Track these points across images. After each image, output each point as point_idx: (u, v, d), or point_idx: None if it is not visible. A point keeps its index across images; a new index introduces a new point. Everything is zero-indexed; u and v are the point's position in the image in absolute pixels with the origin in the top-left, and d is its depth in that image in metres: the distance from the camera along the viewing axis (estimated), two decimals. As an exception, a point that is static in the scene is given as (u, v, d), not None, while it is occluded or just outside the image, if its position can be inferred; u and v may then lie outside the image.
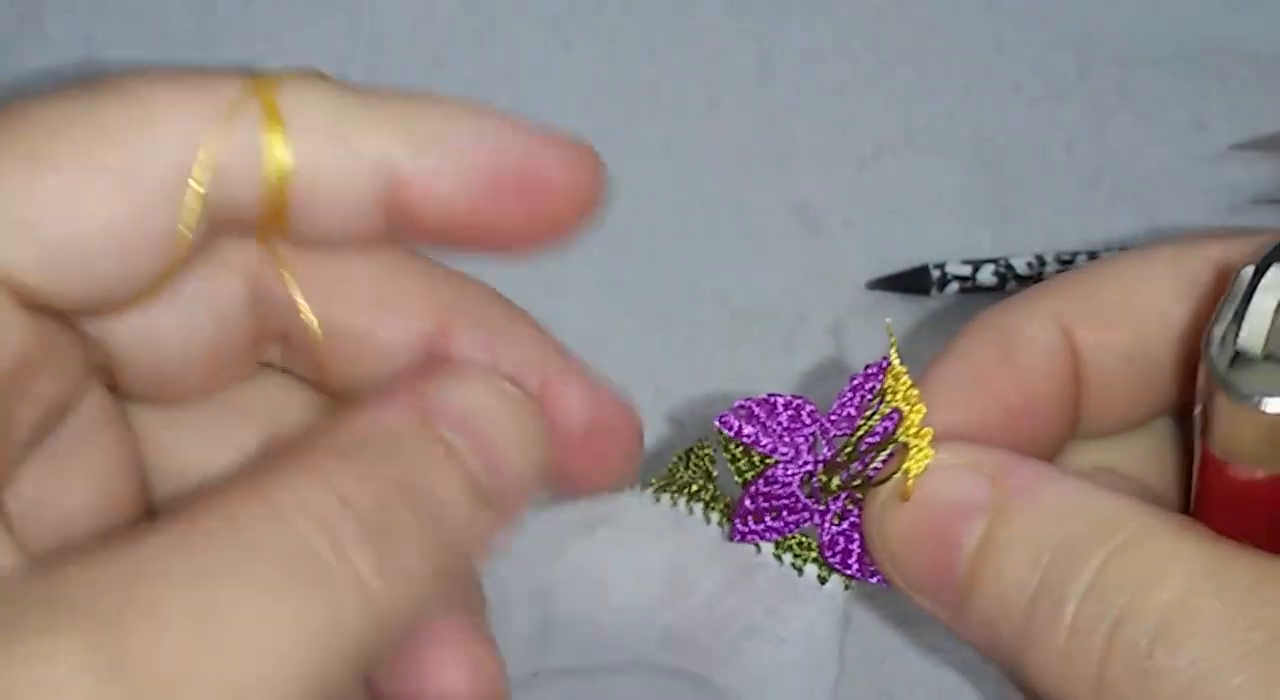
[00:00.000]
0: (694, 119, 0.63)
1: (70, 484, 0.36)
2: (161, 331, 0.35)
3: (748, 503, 0.38)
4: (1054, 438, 0.38)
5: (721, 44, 0.64)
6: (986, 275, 0.59)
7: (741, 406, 0.38)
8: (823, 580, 0.42)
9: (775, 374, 0.59)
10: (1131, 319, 0.36)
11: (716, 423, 0.38)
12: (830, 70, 0.64)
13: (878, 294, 0.60)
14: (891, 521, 0.35)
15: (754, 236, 0.61)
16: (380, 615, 0.30)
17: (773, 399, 0.38)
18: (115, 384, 0.36)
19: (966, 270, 0.59)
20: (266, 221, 0.34)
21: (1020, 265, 0.59)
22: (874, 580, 0.37)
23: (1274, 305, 0.31)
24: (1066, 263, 0.59)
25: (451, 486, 0.33)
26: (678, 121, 0.63)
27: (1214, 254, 0.35)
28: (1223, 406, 0.31)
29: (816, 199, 0.62)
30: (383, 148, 0.36)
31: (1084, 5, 0.65)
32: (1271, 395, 0.30)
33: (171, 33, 0.63)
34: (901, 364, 0.38)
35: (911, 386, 0.37)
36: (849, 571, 0.38)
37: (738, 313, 0.60)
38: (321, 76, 0.36)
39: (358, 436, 0.33)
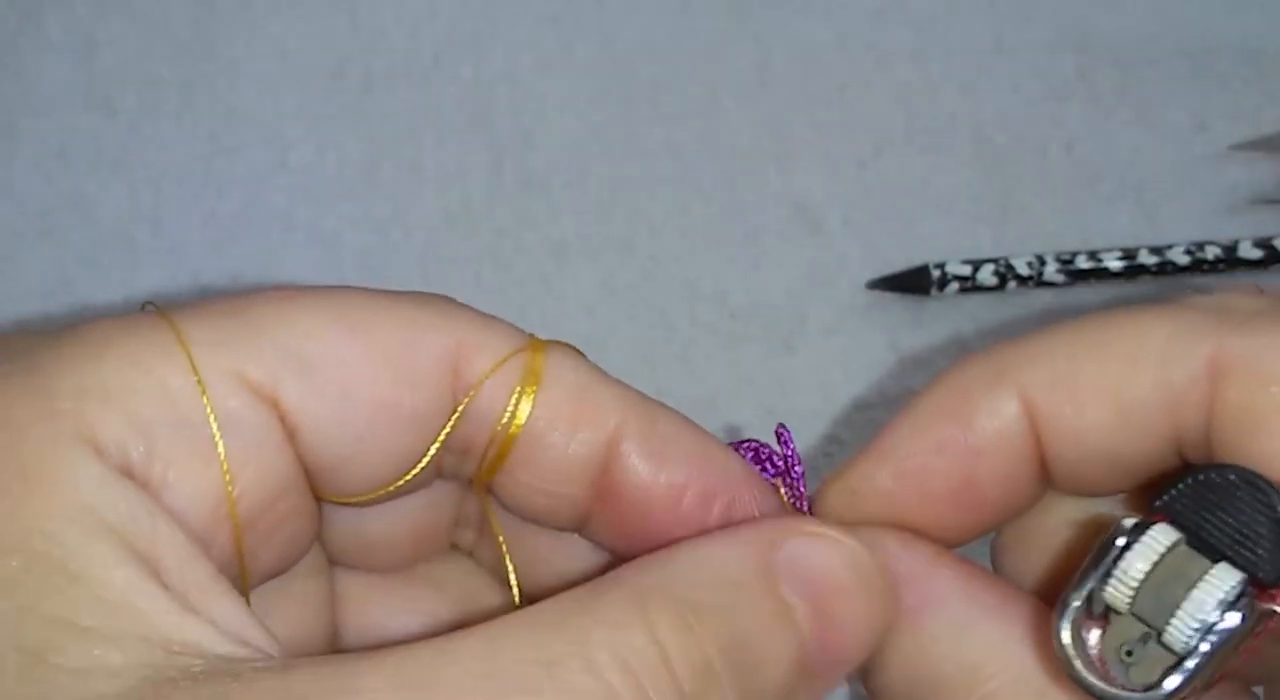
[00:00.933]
0: (694, 119, 0.63)
1: (276, 615, 0.36)
2: (371, 512, 0.37)
3: None
4: (1013, 506, 0.36)
5: (721, 44, 0.64)
6: (986, 275, 0.59)
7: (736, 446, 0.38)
8: None
9: (775, 374, 0.59)
10: (1096, 395, 0.34)
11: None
12: (830, 70, 0.64)
13: (878, 294, 0.60)
14: None
15: (754, 236, 0.61)
16: None
17: (754, 446, 0.38)
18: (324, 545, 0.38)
19: (966, 270, 0.59)
20: (486, 469, 0.35)
21: (1020, 265, 0.59)
22: None
23: (1147, 567, 0.31)
24: (1067, 262, 0.59)
25: (780, 655, 0.31)
26: (678, 121, 0.63)
27: (1170, 328, 0.33)
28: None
29: (816, 199, 0.62)
30: (613, 431, 0.35)
31: (1084, 5, 0.65)
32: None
33: (171, 33, 0.63)
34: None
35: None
36: None
37: (738, 313, 0.60)
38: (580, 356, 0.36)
39: (692, 576, 0.32)
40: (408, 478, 0.35)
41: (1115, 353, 0.33)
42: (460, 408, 0.35)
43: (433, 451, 0.35)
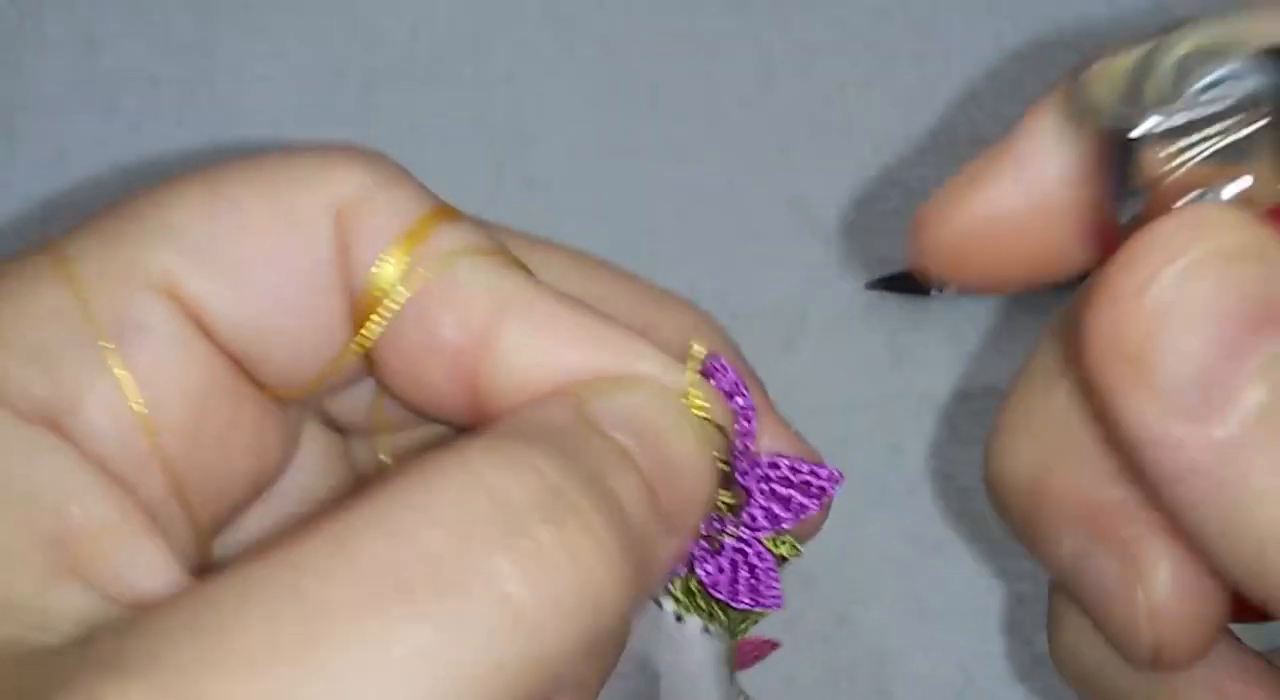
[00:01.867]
0: (694, 119, 0.63)
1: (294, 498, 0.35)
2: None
3: None
4: None
5: (721, 44, 0.64)
6: (986, 275, 0.59)
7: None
8: (678, 618, 0.38)
9: (775, 374, 0.59)
10: None
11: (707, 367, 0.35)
12: (830, 70, 0.64)
13: (878, 294, 0.60)
14: (1151, 309, 0.27)
15: (754, 236, 0.61)
16: (543, 641, 0.25)
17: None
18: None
19: (966, 270, 0.59)
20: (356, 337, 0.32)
21: (1020, 265, 0.59)
22: (749, 607, 0.35)
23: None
24: (1066, 263, 0.59)
25: (629, 484, 0.28)
26: (678, 121, 0.63)
27: None
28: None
29: (816, 199, 0.62)
30: (486, 317, 0.32)
31: (1084, 5, 0.65)
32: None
33: (171, 32, 0.63)
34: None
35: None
36: (731, 599, 0.35)
37: (738, 313, 0.60)
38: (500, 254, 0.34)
39: (515, 429, 0.28)
40: (334, 367, 0.32)
41: None
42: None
43: (354, 345, 0.32)
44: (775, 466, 0.36)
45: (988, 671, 0.55)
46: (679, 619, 0.37)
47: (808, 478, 0.35)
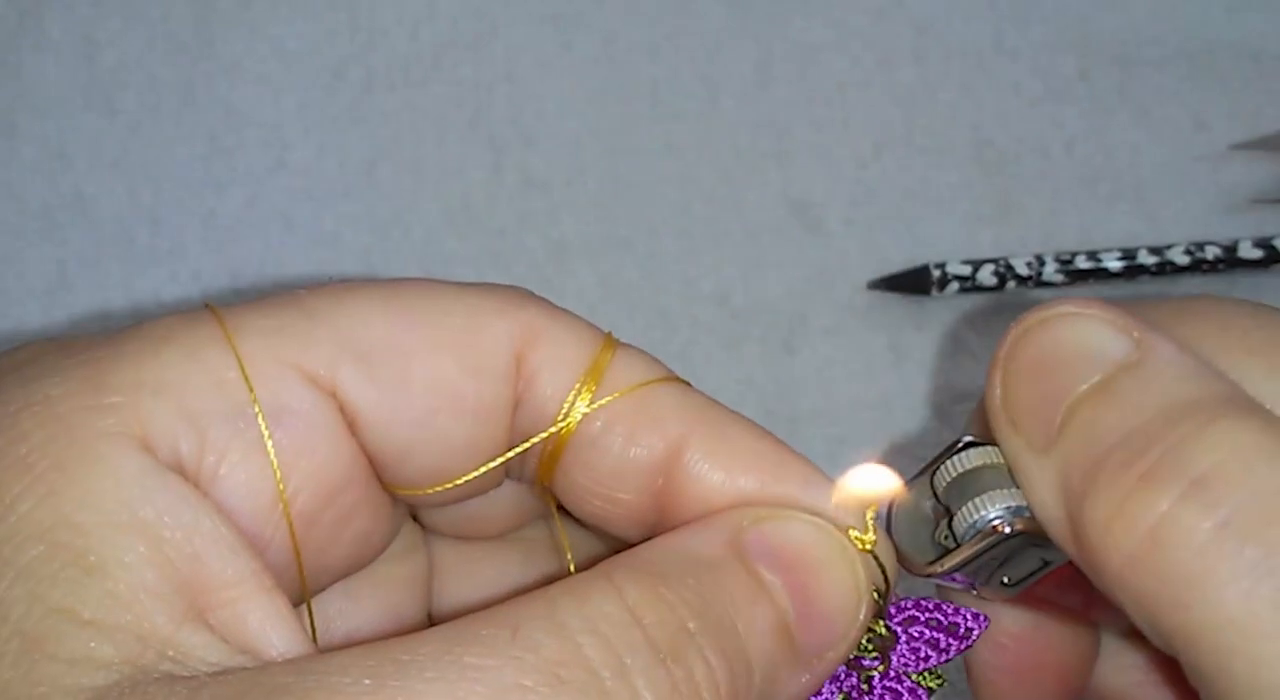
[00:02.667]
0: (694, 119, 0.63)
1: (365, 601, 0.37)
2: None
3: None
4: None
5: (721, 44, 0.64)
6: (986, 275, 0.59)
7: None
8: None
9: (775, 374, 0.59)
10: None
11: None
12: (830, 70, 0.64)
13: (878, 294, 0.60)
14: (1018, 353, 0.34)
15: (754, 236, 0.61)
16: None
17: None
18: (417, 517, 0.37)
19: (966, 270, 0.59)
20: (543, 470, 0.35)
21: (1020, 265, 0.59)
22: None
23: (968, 466, 0.35)
24: (1066, 262, 0.59)
25: (759, 622, 0.30)
26: (678, 121, 0.63)
27: None
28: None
29: (816, 199, 0.62)
30: (676, 438, 0.34)
31: (1084, 5, 0.65)
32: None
33: (171, 33, 0.63)
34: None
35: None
36: None
37: (738, 313, 0.60)
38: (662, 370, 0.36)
39: (662, 556, 0.31)
40: (478, 472, 0.34)
41: None
42: (540, 439, 0.34)
43: (510, 455, 0.34)
44: (924, 608, 0.37)
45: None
46: None
47: (956, 620, 0.37)
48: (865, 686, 0.36)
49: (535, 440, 0.34)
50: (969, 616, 0.37)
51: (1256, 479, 0.28)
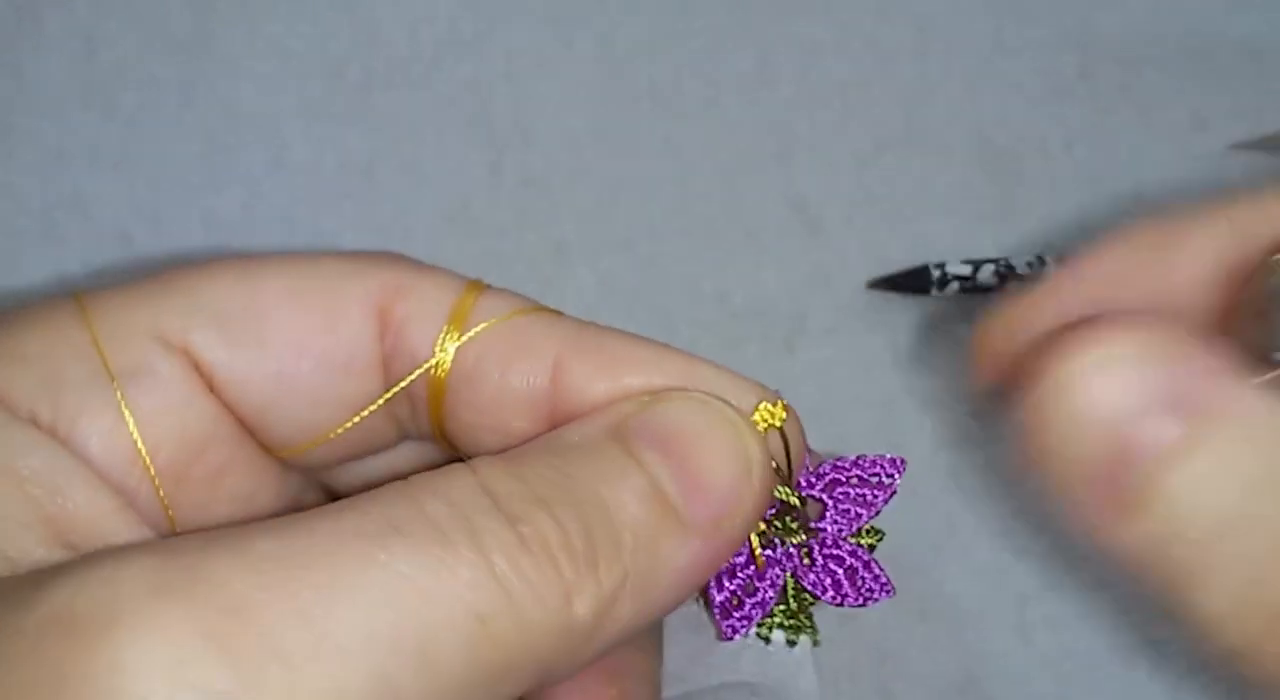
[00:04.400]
0: (694, 119, 0.63)
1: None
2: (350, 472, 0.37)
3: (719, 593, 0.36)
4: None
5: (721, 44, 0.64)
6: (986, 275, 0.59)
7: None
8: (791, 643, 0.40)
9: (775, 374, 0.59)
10: None
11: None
12: (830, 70, 0.64)
13: (878, 294, 0.60)
14: (1064, 407, 0.30)
15: (754, 236, 0.61)
16: (520, 616, 0.28)
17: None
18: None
19: (966, 270, 0.59)
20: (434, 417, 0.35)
21: (1020, 265, 0.59)
22: (874, 600, 0.36)
23: None
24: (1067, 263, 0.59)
25: (627, 492, 0.30)
26: (678, 121, 0.63)
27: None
28: None
29: (816, 199, 0.62)
30: (554, 359, 0.34)
31: (1084, 5, 0.65)
32: None
33: (171, 33, 0.63)
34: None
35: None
36: (847, 601, 0.37)
37: (738, 313, 0.60)
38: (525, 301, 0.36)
39: (531, 445, 0.32)
40: (348, 425, 0.35)
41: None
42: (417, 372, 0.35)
43: (380, 402, 0.35)
44: (842, 469, 0.37)
45: (988, 671, 0.55)
46: (791, 645, 0.39)
47: (875, 472, 0.37)
48: (807, 561, 0.36)
49: (403, 383, 0.35)
50: (886, 464, 0.37)
51: None
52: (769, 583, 0.36)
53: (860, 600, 0.37)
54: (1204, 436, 0.29)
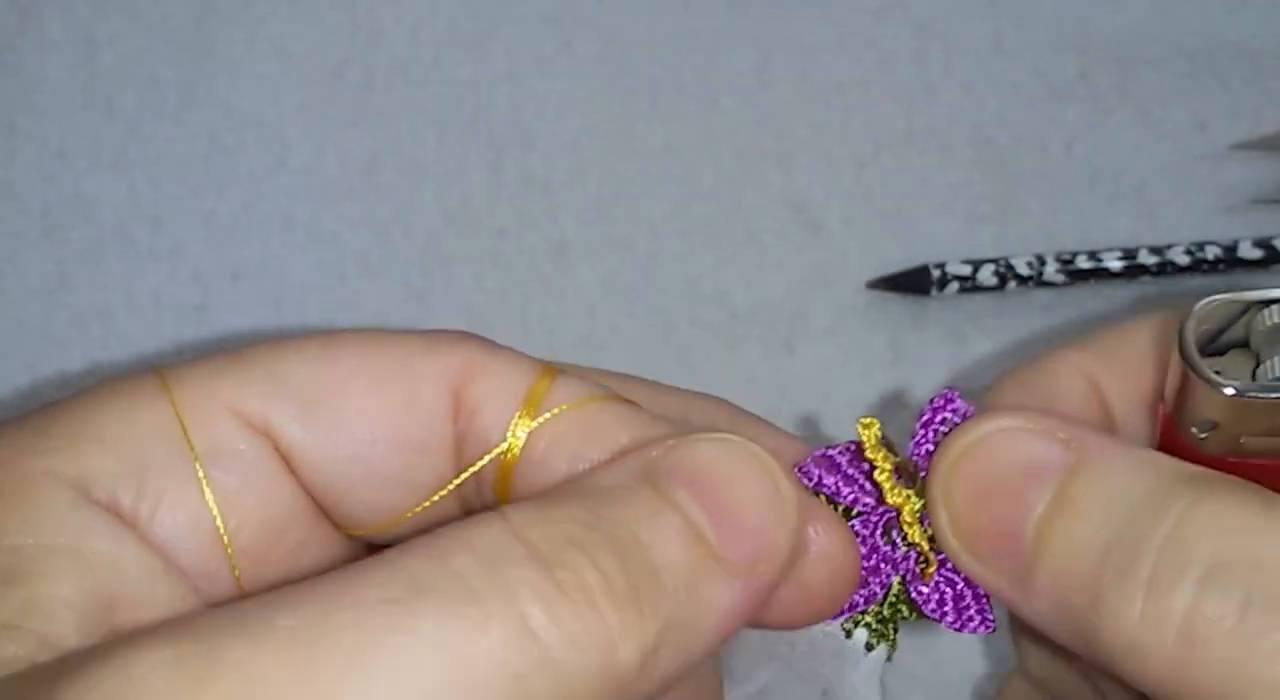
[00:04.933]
0: (694, 119, 0.63)
1: None
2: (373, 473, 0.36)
3: None
4: None
5: (721, 44, 0.64)
6: (986, 275, 0.59)
7: (823, 455, 0.36)
8: (870, 647, 0.39)
9: (775, 374, 0.59)
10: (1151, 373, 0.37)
11: (796, 472, 0.35)
12: (830, 70, 0.64)
13: (878, 294, 0.60)
14: (957, 482, 0.33)
15: (754, 236, 0.61)
16: (560, 669, 0.27)
17: (853, 446, 0.36)
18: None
19: (966, 270, 0.59)
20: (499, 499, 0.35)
21: (1020, 265, 0.59)
22: (970, 629, 0.36)
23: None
24: (1067, 262, 0.59)
25: (665, 531, 0.30)
26: (678, 121, 0.63)
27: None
28: (1196, 390, 0.33)
29: (816, 199, 0.62)
30: (622, 449, 0.34)
31: (1084, 5, 0.65)
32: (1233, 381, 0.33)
33: (171, 32, 0.63)
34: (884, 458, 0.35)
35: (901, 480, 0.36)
36: (946, 621, 0.36)
37: (738, 313, 0.60)
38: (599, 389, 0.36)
39: (560, 488, 0.31)
40: (419, 509, 0.35)
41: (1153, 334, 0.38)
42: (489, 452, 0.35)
43: (453, 484, 0.35)
44: (926, 427, 0.36)
45: (988, 672, 0.55)
46: (869, 648, 0.39)
47: (944, 413, 0.36)
48: (922, 571, 0.36)
49: (476, 466, 0.34)
50: (943, 403, 0.37)
51: (1257, 553, 0.29)
52: (880, 579, 0.36)
53: (959, 625, 0.36)
54: (1074, 486, 0.32)
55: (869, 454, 0.35)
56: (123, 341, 0.59)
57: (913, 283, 0.59)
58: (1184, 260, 0.59)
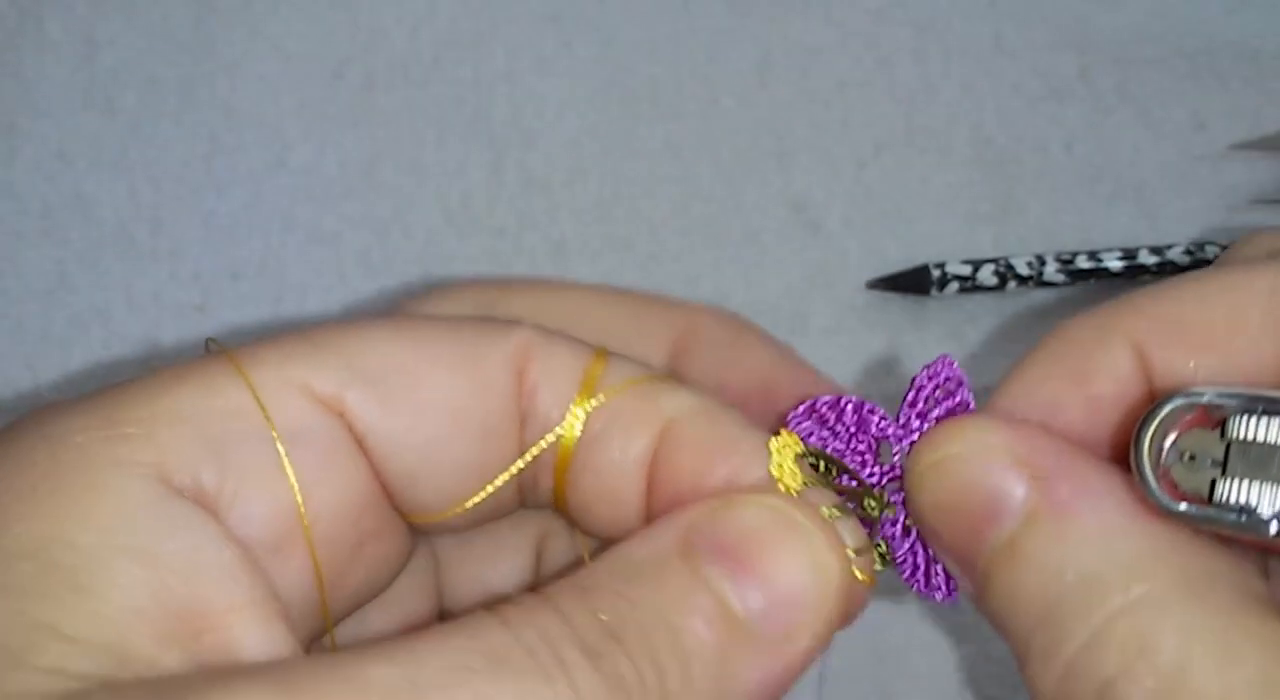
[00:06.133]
0: (694, 119, 0.63)
1: (376, 623, 0.38)
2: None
3: None
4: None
5: (721, 44, 0.64)
6: (986, 275, 0.59)
7: (811, 407, 0.37)
8: None
9: (775, 374, 0.59)
10: (1218, 345, 0.34)
11: (788, 420, 0.36)
12: (830, 70, 0.64)
13: (878, 294, 0.60)
14: (929, 493, 0.34)
15: (754, 236, 0.61)
16: None
17: (842, 401, 0.37)
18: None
19: (966, 270, 0.59)
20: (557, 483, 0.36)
21: (1020, 265, 0.59)
22: (935, 598, 0.36)
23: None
24: (1067, 262, 0.59)
25: (694, 614, 0.31)
26: (678, 121, 0.63)
27: (1272, 280, 0.33)
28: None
29: (816, 199, 0.62)
30: (665, 426, 0.35)
31: (1084, 5, 0.65)
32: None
33: (171, 32, 0.63)
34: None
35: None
36: (915, 583, 0.37)
37: (738, 313, 0.60)
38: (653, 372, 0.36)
39: (601, 566, 0.32)
40: (488, 491, 0.35)
41: (1227, 299, 0.34)
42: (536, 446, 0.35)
43: (515, 468, 0.35)
44: (917, 397, 0.36)
45: (988, 672, 0.55)
46: None
47: (937, 383, 0.36)
48: (904, 530, 0.37)
49: (541, 445, 0.35)
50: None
51: (1195, 680, 0.29)
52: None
53: (925, 589, 0.37)
54: (1026, 539, 0.31)
55: (786, 481, 0.35)
56: (123, 341, 0.59)
57: (913, 283, 0.59)
58: (1184, 260, 0.59)
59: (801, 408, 0.37)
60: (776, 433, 0.35)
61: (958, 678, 0.55)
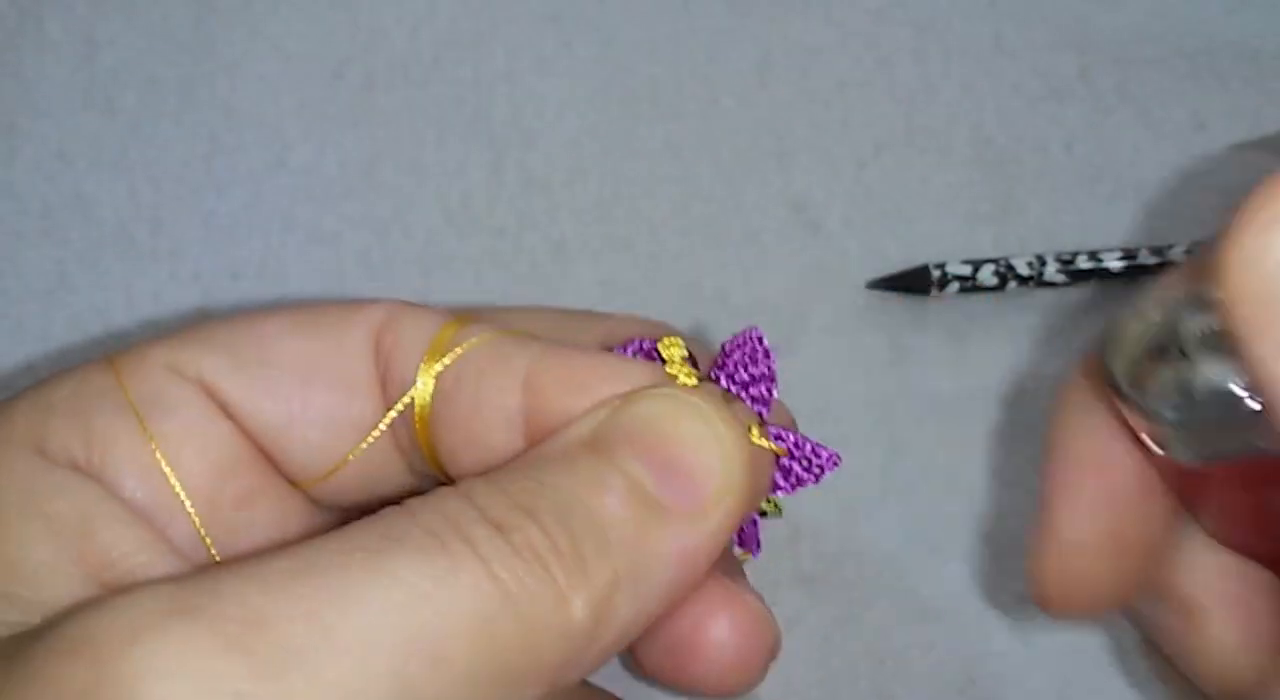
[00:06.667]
0: (694, 119, 0.63)
1: None
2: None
3: None
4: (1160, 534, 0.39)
5: (721, 44, 0.64)
6: (986, 275, 0.59)
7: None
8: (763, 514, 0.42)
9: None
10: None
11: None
12: (830, 70, 0.64)
13: (878, 294, 0.60)
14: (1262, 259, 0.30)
15: (754, 236, 0.61)
16: (522, 616, 0.29)
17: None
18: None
19: (966, 270, 0.59)
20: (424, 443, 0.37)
21: (1020, 265, 0.59)
22: (826, 473, 0.38)
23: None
24: (1067, 262, 0.59)
25: (606, 492, 0.32)
26: (678, 121, 0.63)
27: None
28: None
29: (816, 199, 0.62)
30: (525, 374, 0.36)
31: (1084, 5, 0.65)
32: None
33: (171, 32, 0.63)
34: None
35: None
36: (804, 484, 0.38)
37: (738, 313, 0.60)
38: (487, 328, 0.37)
39: (510, 465, 0.34)
40: (361, 447, 0.37)
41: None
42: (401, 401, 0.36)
43: (380, 426, 0.37)
44: (780, 438, 0.38)
45: (988, 671, 0.55)
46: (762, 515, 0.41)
47: (809, 456, 0.38)
48: None
49: (398, 404, 0.36)
50: (823, 455, 0.38)
51: None
52: None
53: (814, 478, 0.38)
54: None
55: (682, 379, 0.36)
56: (123, 341, 0.59)
57: (913, 283, 0.59)
58: (1184, 260, 0.59)
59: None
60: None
61: (958, 678, 0.55)
